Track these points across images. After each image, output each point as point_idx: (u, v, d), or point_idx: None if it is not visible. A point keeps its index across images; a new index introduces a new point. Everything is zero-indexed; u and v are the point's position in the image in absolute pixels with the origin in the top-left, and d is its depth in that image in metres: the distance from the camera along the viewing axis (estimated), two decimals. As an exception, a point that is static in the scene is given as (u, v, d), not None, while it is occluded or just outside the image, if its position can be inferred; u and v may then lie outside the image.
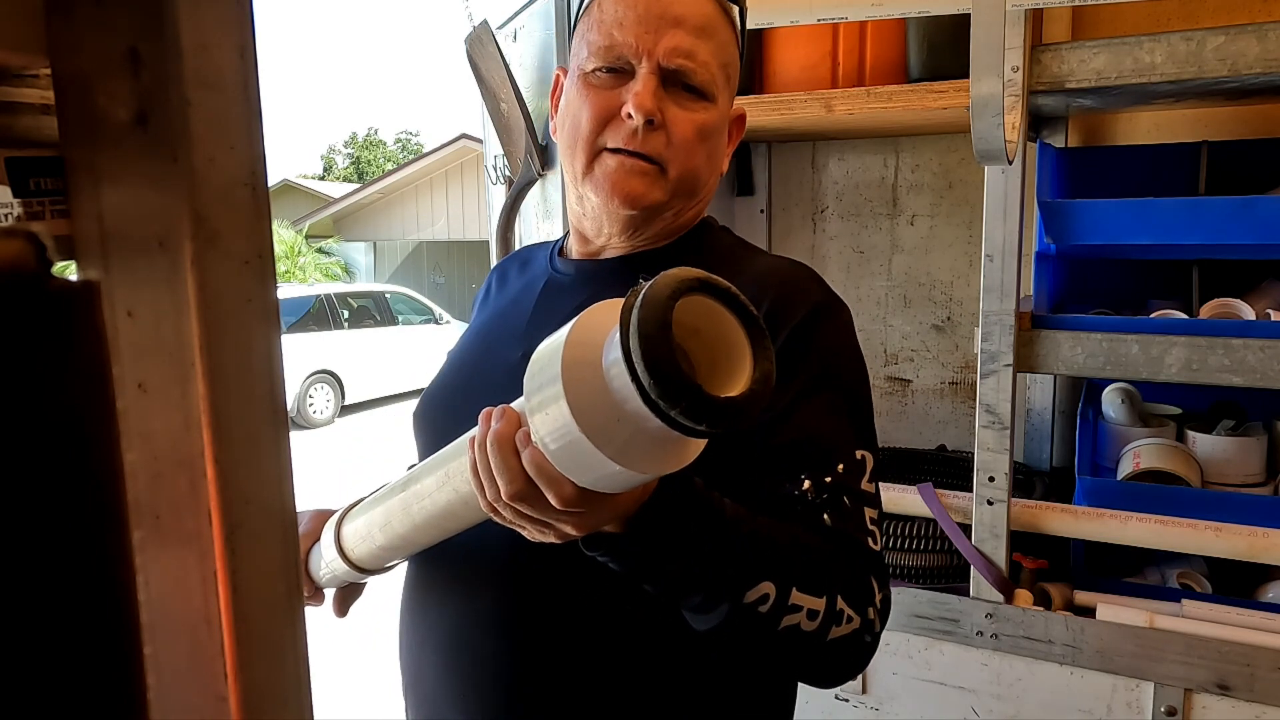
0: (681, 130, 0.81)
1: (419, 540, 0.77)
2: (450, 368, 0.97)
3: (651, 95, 0.79)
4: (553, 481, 0.57)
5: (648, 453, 0.54)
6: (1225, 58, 1.17)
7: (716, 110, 0.83)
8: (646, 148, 0.81)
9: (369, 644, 4.21)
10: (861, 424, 0.79)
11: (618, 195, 0.82)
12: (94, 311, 0.29)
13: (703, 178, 0.85)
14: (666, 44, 0.80)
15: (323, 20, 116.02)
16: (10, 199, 0.32)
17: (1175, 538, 1.30)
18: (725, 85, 0.84)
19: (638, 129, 0.80)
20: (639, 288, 0.52)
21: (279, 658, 0.32)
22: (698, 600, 0.66)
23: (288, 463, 0.32)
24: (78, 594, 0.28)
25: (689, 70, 0.80)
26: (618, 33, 0.81)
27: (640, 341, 0.49)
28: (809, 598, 0.67)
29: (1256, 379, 1.20)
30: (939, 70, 1.47)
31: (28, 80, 0.33)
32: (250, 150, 0.30)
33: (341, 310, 10.11)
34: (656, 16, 0.80)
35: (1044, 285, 1.51)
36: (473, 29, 1.72)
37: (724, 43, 0.83)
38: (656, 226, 0.87)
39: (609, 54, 0.81)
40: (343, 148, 40.67)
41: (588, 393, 0.53)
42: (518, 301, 0.94)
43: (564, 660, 0.79)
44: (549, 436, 0.55)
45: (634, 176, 0.81)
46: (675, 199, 0.84)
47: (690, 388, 0.49)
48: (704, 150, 0.83)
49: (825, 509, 0.72)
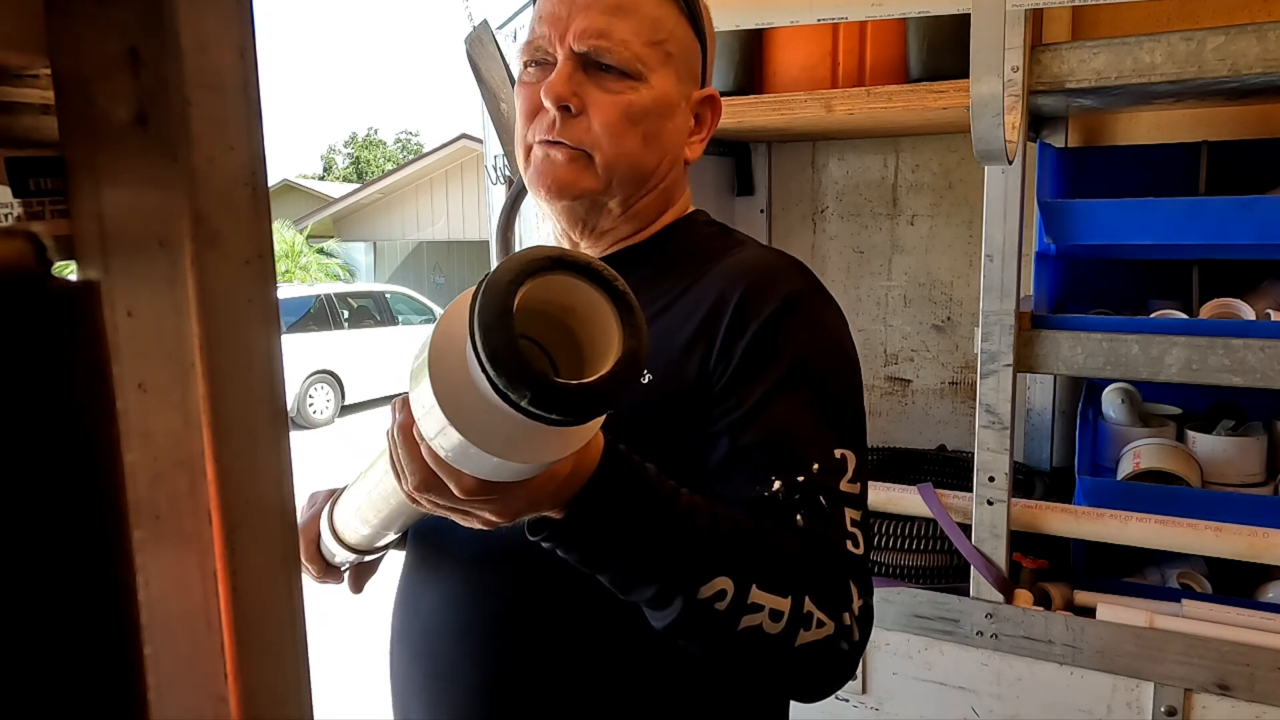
0: (604, 113, 0.78)
1: (391, 524, 0.77)
2: None
3: (565, 81, 0.77)
4: (450, 473, 0.56)
5: (520, 443, 0.52)
6: (1225, 58, 1.17)
7: (649, 89, 0.79)
8: (566, 135, 0.78)
9: (368, 644, 4.22)
10: (842, 421, 0.74)
11: (544, 185, 0.80)
12: (94, 311, 0.29)
13: (644, 163, 0.81)
14: (577, 26, 0.77)
15: (323, 20, 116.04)
16: (10, 199, 0.32)
17: (1175, 538, 1.30)
18: (661, 64, 0.80)
19: (555, 118, 0.78)
20: (486, 273, 0.50)
21: (279, 658, 0.32)
22: (651, 593, 0.63)
23: (288, 463, 0.32)
24: (78, 594, 0.28)
25: (603, 49, 0.77)
26: (537, 26, 0.80)
27: (481, 332, 0.47)
28: (771, 597, 0.63)
29: (1256, 379, 1.20)
30: (939, 70, 1.47)
31: (28, 80, 0.33)
32: (250, 150, 0.30)
33: (341, 310, 10.10)
34: (569, 2, 0.78)
35: (1044, 285, 1.51)
36: (473, 29, 1.72)
37: (651, 19, 0.79)
38: (614, 220, 0.84)
39: (530, 48, 0.80)
40: (343, 148, 40.68)
41: (454, 388, 0.51)
42: None
43: (537, 664, 0.77)
44: (428, 432, 0.54)
45: (558, 165, 0.79)
46: (615, 187, 0.80)
47: (531, 376, 0.47)
48: (636, 133, 0.79)
49: (798, 509, 0.68)
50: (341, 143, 44.09)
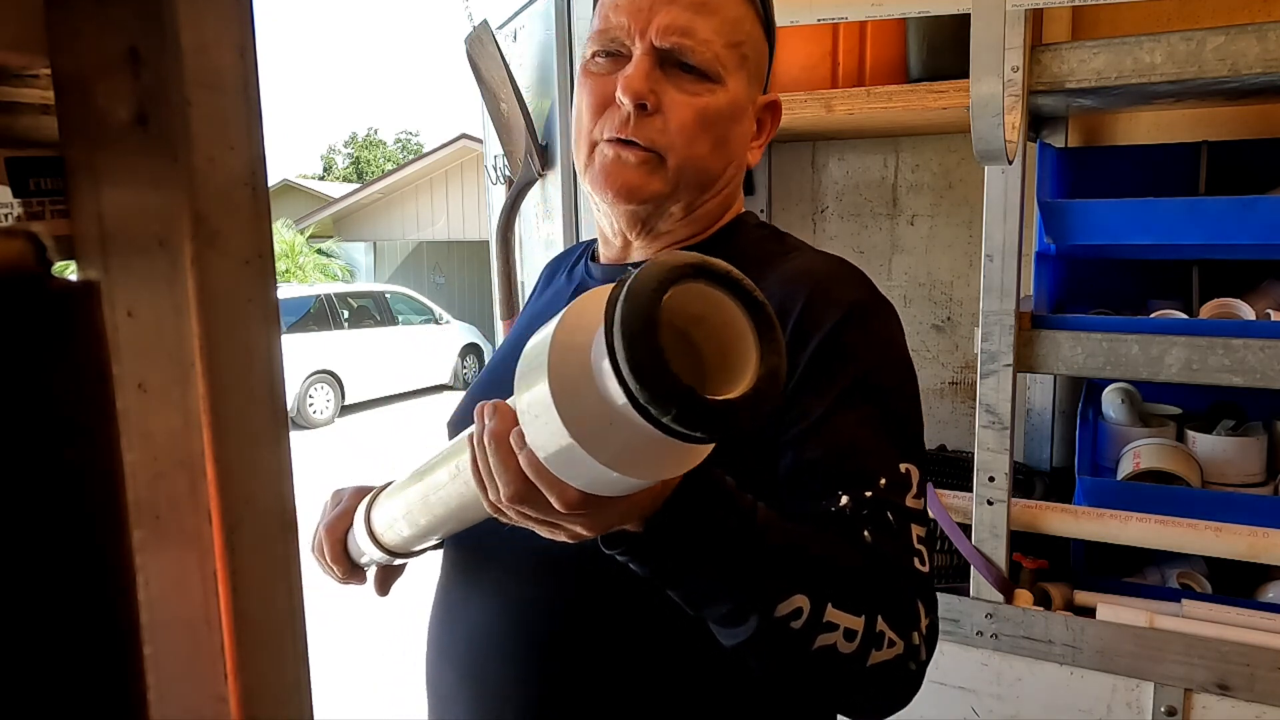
0: (680, 115, 0.75)
1: (441, 529, 0.74)
2: (485, 374, 0.93)
3: (644, 77, 0.73)
4: (553, 485, 0.53)
5: (645, 458, 0.50)
6: (1225, 58, 1.17)
7: (725, 93, 0.76)
8: (640, 135, 0.75)
9: (367, 644, 4.22)
10: (906, 435, 0.72)
11: (611, 188, 0.76)
12: (94, 311, 0.29)
13: (711, 168, 0.78)
14: (660, 21, 0.74)
15: (323, 20, 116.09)
16: (10, 199, 0.32)
17: (1175, 538, 1.30)
18: (738, 66, 0.77)
19: (629, 115, 0.74)
20: (625, 278, 0.46)
21: (279, 658, 0.32)
22: (724, 610, 0.61)
23: (288, 463, 0.32)
24: (78, 594, 0.28)
25: (685, 48, 0.74)
26: (613, 14, 0.76)
27: (625, 342, 0.44)
28: (846, 615, 0.61)
29: (1256, 379, 1.20)
30: (939, 70, 1.47)
31: (28, 80, 0.33)
32: (250, 150, 0.30)
33: (341, 310, 10.11)
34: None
35: (1044, 285, 1.51)
36: (473, 29, 1.72)
37: (732, 19, 0.76)
38: (674, 223, 0.81)
39: (603, 37, 0.77)
40: (343, 148, 40.68)
41: (577, 397, 0.48)
42: (552, 305, 0.90)
43: (582, 682, 0.75)
44: (540, 442, 0.51)
45: (628, 167, 0.76)
46: (681, 191, 0.78)
47: (681, 392, 0.45)
48: (709, 137, 0.76)
49: (866, 525, 0.66)
50: (341, 143, 44.11)
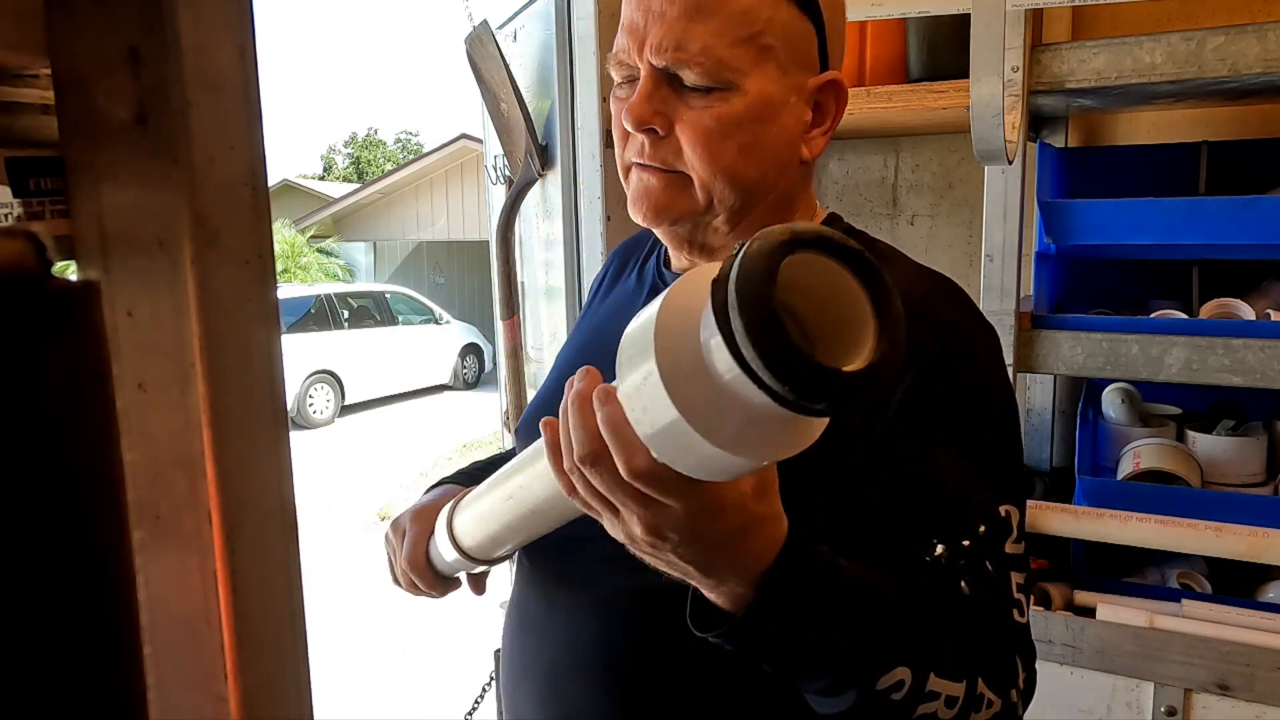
0: (692, 133, 0.71)
1: (527, 531, 0.72)
2: (551, 378, 0.90)
3: (645, 101, 0.71)
4: (625, 445, 0.50)
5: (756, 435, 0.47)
6: (1225, 58, 1.17)
7: (743, 97, 0.71)
8: (656, 158, 0.73)
9: (367, 644, 4.22)
10: (1005, 473, 0.68)
11: (640, 210, 0.75)
12: (94, 311, 0.29)
13: (745, 175, 0.73)
14: (653, 38, 0.70)
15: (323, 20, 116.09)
16: (10, 199, 0.32)
17: (1175, 538, 1.30)
18: (757, 61, 0.70)
19: (643, 142, 0.73)
20: (735, 251, 0.45)
21: (279, 658, 0.32)
22: (822, 685, 0.58)
23: (288, 463, 0.32)
24: (78, 593, 0.28)
25: (680, 62, 0.69)
26: (620, 37, 0.73)
27: (741, 307, 0.43)
28: (948, 683, 0.59)
29: (1256, 379, 1.20)
30: (939, 70, 1.47)
31: (28, 80, 0.33)
32: (250, 150, 0.30)
33: (341, 310, 10.11)
34: (645, 9, 0.70)
35: (1044, 285, 1.51)
36: (473, 29, 1.72)
37: (738, 13, 0.69)
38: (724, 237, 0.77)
39: (615, 64, 0.75)
40: (343, 148, 40.67)
41: (685, 371, 0.46)
42: (624, 310, 0.86)
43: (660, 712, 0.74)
44: (647, 423, 0.49)
45: (654, 190, 0.74)
46: (717, 204, 0.74)
47: (799, 357, 0.42)
48: (731, 146, 0.71)
49: (963, 576, 0.62)
50: (341, 143, 44.12)
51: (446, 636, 4.19)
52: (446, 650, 4.05)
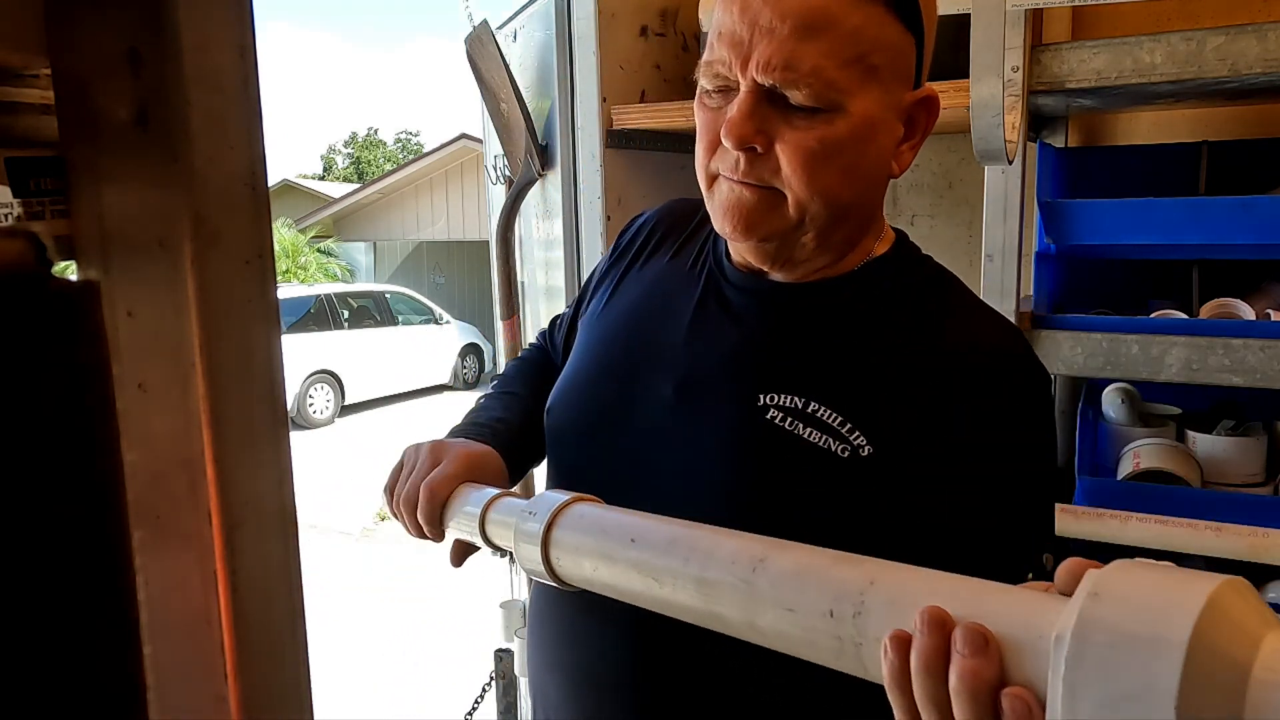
0: (794, 154, 0.68)
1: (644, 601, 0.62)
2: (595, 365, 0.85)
3: (747, 119, 0.68)
4: None
5: None
6: (1225, 58, 1.17)
7: (847, 119, 0.69)
8: (753, 176, 0.70)
9: (367, 644, 4.22)
10: (1049, 523, 0.72)
11: (730, 224, 0.72)
12: (94, 311, 0.29)
13: (844, 197, 0.72)
14: (761, 55, 0.67)
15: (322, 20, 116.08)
16: (10, 199, 0.32)
17: (1175, 538, 1.30)
18: (863, 82, 0.69)
19: (738, 158, 0.70)
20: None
21: (279, 658, 0.32)
22: None
23: (288, 463, 0.32)
24: (78, 594, 0.28)
25: (790, 82, 0.67)
26: (718, 45, 0.70)
27: None
28: None
29: (1256, 379, 1.20)
30: (939, 70, 1.47)
31: (28, 80, 0.33)
32: (250, 150, 0.30)
33: (341, 310, 10.11)
34: (750, 22, 0.67)
35: (1044, 285, 1.51)
36: (473, 29, 1.72)
37: (848, 33, 0.67)
38: (809, 253, 0.75)
39: (709, 72, 0.71)
40: (343, 148, 40.68)
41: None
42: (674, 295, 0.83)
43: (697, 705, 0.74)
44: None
45: (746, 205, 0.71)
46: (809, 222, 0.72)
47: None
48: (834, 167, 0.70)
49: None
50: (341, 143, 44.10)
51: (446, 636, 4.19)
52: (446, 650, 4.05)
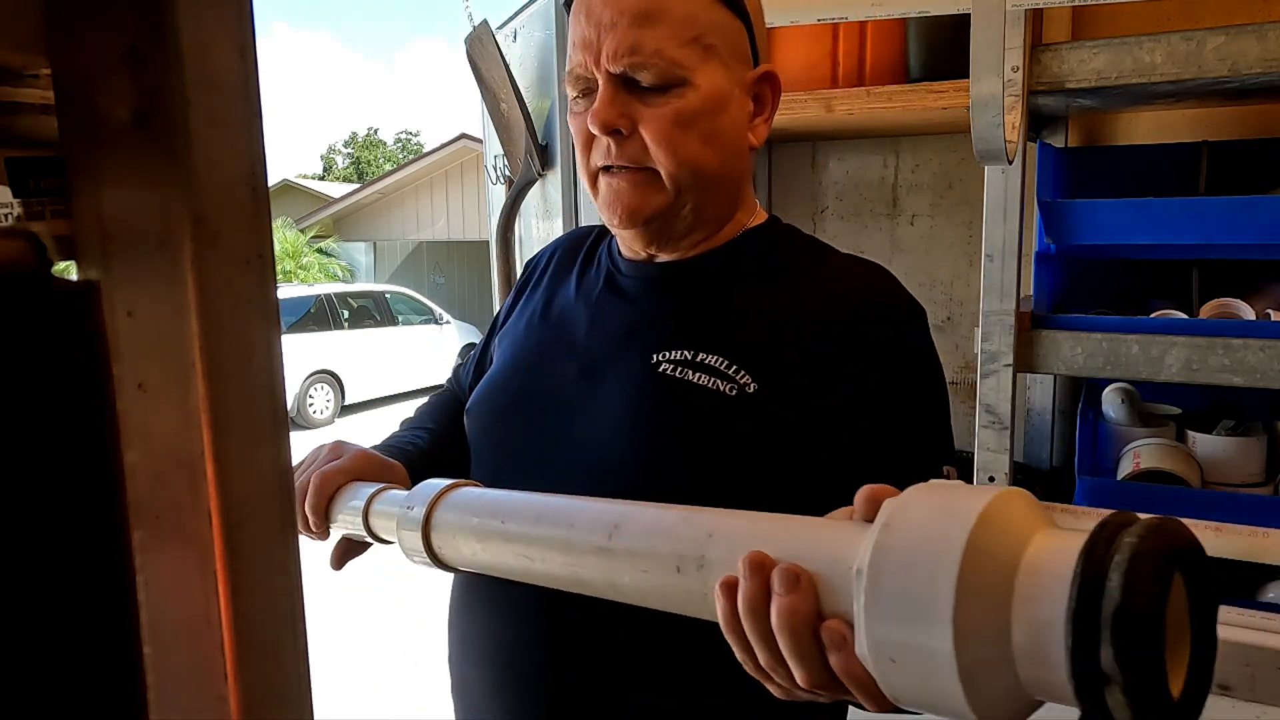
0: (655, 129, 0.77)
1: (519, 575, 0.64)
2: (508, 365, 0.91)
3: (609, 105, 0.76)
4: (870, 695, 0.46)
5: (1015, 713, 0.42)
6: (1225, 58, 1.17)
7: (695, 91, 0.77)
8: (625, 157, 0.78)
9: (367, 645, 4.22)
10: (944, 435, 0.79)
11: (616, 214, 0.80)
12: (94, 311, 0.29)
13: (708, 163, 0.79)
14: (608, 48, 0.76)
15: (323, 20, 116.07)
16: (10, 199, 0.32)
17: (1175, 538, 1.30)
18: (703, 59, 0.77)
19: (609, 144, 0.78)
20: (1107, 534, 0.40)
21: (279, 658, 0.32)
22: None
23: (288, 463, 0.32)
24: (78, 594, 0.28)
25: (636, 67, 0.76)
26: (574, 53, 0.79)
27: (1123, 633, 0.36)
28: None
29: (1256, 379, 1.20)
30: (939, 70, 1.47)
31: (28, 80, 0.33)
32: (250, 150, 0.30)
33: (341, 310, 10.11)
34: (595, 23, 0.76)
35: (1044, 285, 1.51)
36: (473, 29, 1.73)
37: (681, 17, 0.76)
38: (688, 225, 0.82)
39: (572, 79, 0.80)
40: (343, 148, 40.68)
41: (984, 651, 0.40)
42: (578, 299, 0.90)
43: (613, 679, 0.76)
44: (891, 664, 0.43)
45: (625, 192, 0.79)
46: (685, 194, 0.79)
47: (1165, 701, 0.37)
48: (693, 136, 0.78)
49: None
50: (341, 143, 44.08)
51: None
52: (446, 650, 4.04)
